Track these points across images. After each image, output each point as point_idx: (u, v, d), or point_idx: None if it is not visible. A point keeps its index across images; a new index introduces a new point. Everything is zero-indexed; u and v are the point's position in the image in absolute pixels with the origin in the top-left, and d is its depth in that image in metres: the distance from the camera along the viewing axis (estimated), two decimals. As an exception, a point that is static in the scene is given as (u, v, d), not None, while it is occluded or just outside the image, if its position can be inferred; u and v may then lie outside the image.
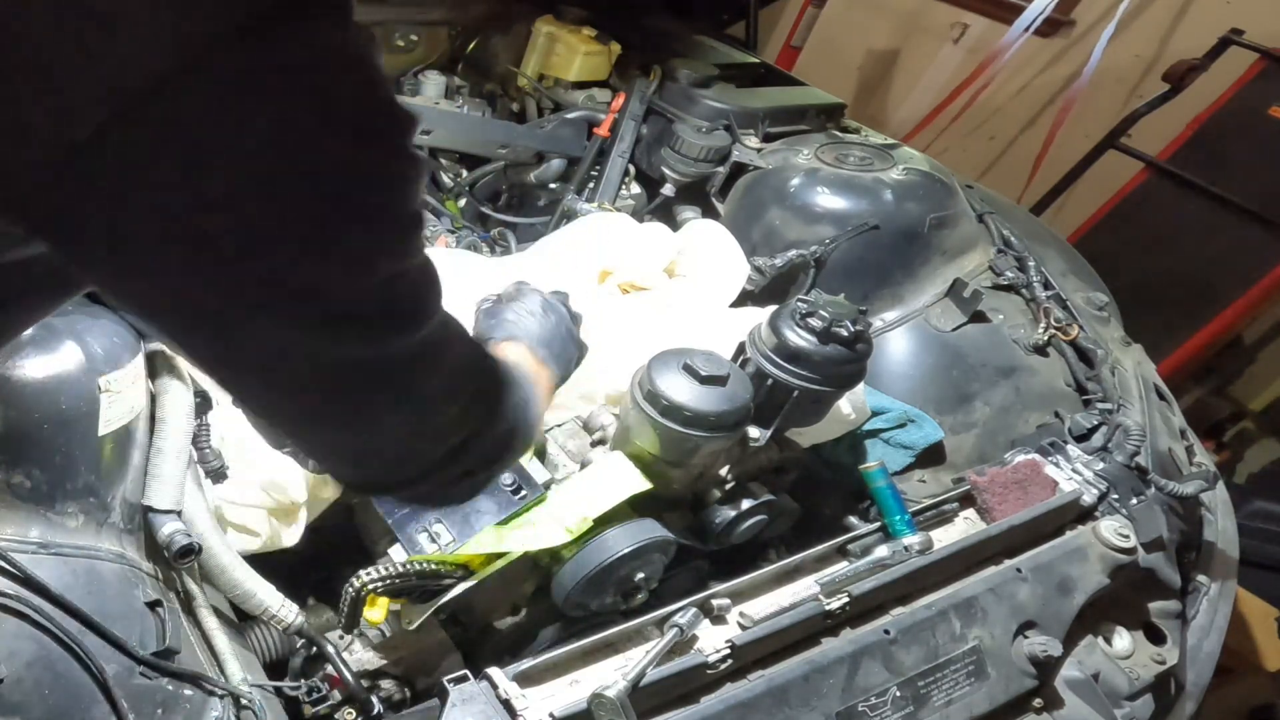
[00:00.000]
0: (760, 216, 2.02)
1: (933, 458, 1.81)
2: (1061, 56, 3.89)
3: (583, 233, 1.93)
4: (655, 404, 1.32)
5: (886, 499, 1.40)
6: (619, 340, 1.65)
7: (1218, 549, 1.70)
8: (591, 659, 1.12)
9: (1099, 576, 1.41)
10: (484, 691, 1.03)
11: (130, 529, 1.10)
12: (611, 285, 1.83)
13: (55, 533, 1.02)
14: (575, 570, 1.27)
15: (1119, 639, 1.43)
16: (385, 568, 1.19)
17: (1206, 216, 3.14)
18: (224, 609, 1.16)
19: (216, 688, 1.02)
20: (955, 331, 1.91)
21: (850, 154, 2.09)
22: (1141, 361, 1.92)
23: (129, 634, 0.99)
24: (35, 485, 1.03)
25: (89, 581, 1.01)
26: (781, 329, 1.39)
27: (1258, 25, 3.23)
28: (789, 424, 1.46)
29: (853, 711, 1.15)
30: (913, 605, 1.28)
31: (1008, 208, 2.27)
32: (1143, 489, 1.55)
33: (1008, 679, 1.27)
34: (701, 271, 1.91)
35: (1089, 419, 1.70)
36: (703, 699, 1.11)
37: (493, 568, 1.26)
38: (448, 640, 1.32)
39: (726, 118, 2.15)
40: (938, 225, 1.98)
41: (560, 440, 1.49)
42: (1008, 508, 1.44)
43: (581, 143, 2.23)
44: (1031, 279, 1.98)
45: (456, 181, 2.22)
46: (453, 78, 2.36)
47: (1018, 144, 4.07)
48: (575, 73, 2.30)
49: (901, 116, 4.25)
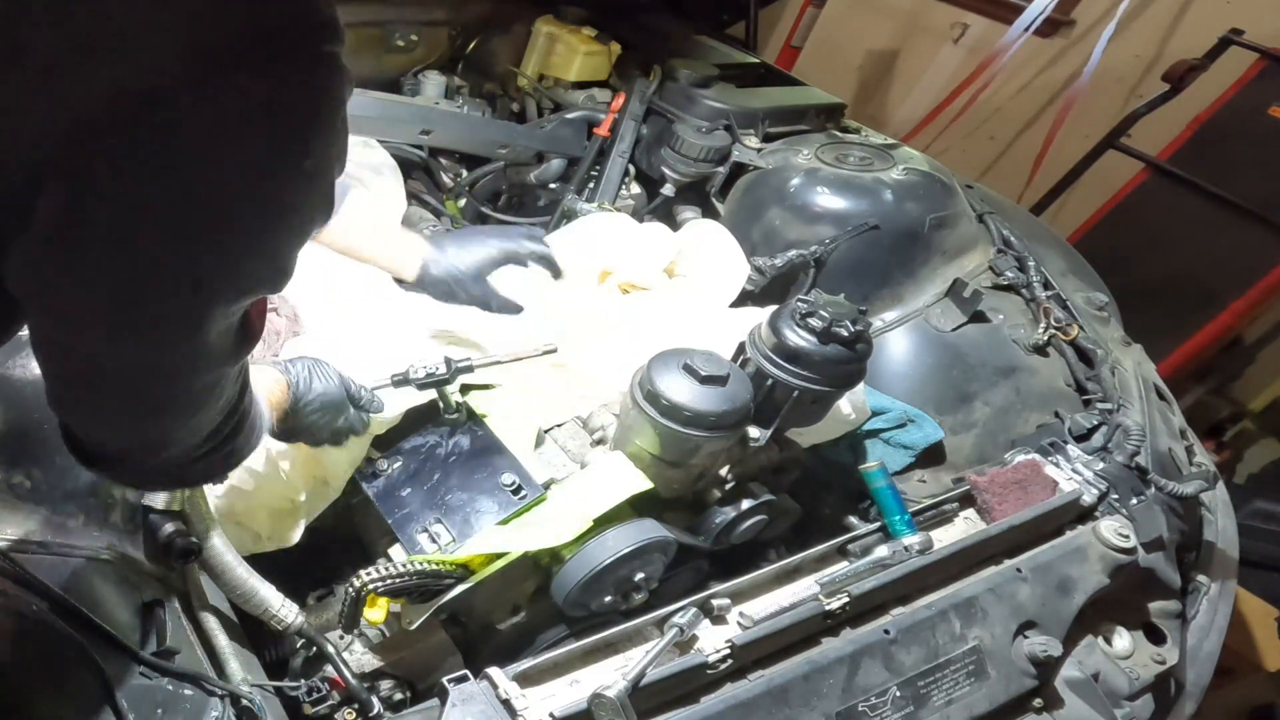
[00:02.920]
0: (760, 216, 2.02)
1: (933, 458, 1.81)
2: (1061, 56, 3.89)
3: (583, 233, 1.94)
4: (655, 404, 1.32)
5: (886, 499, 1.40)
6: (619, 340, 1.65)
7: (1218, 549, 1.70)
8: (591, 659, 1.12)
9: (1099, 576, 1.41)
10: (484, 691, 1.03)
11: (130, 529, 1.10)
12: (611, 285, 1.83)
13: (55, 533, 1.02)
14: (575, 570, 1.27)
15: (1119, 639, 1.43)
16: (385, 568, 1.19)
17: (1206, 216, 3.15)
18: (224, 609, 1.16)
19: (216, 688, 1.02)
20: (955, 331, 1.91)
21: (850, 154, 2.09)
22: (1141, 361, 1.92)
23: (129, 634, 0.99)
24: (35, 485, 1.03)
25: (89, 581, 1.01)
26: (781, 329, 1.39)
27: (1258, 25, 3.23)
28: (789, 424, 1.46)
29: (853, 711, 1.15)
30: (913, 605, 1.28)
31: (1008, 208, 2.28)
32: (1143, 489, 1.55)
33: (1008, 679, 1.27)
34: (701, 271, 1.91)
35: (1089, 419, 1.70)
36: (703, 699, 1.11)
37: (493, 568, 1.26)
38: (448, 640, 1.32)
39: (726, 118, 2.15)
40: (938, 225, 1.98)
41: (560, 440, 1.49)
42: (1008, 508, 1.44)
43: (581, 143, 2.23)
44: (1031, 279, 1.98)
45: (456, 181, 2.23)
46: (453, 78, 2.36)
47: (1018, 144, 4.07)
48: (575, 73, 2.31)
49: (901, 116, 4.25)
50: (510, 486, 1.36)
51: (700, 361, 1.34)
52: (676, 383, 1.32)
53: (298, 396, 1.20)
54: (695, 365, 1.33)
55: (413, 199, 2.08)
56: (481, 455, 1.40)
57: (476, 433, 1.43)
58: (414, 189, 2.13)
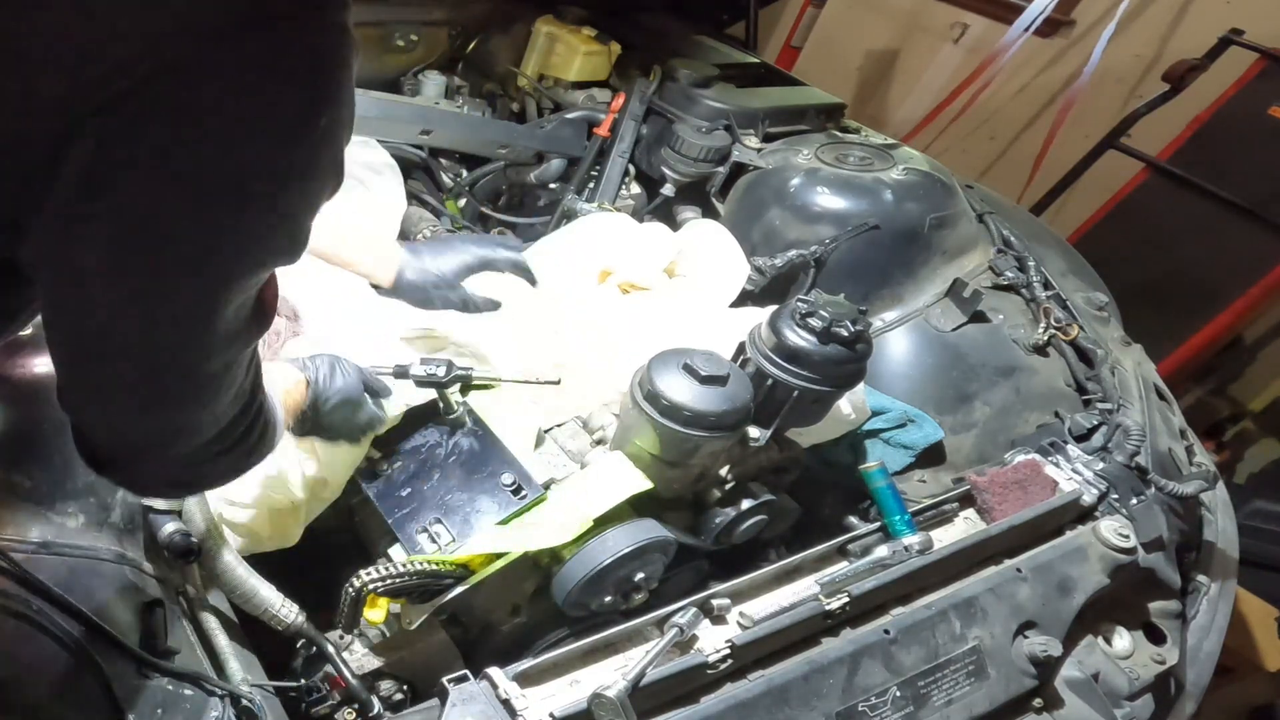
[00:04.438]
0: (760, 216, 2.02)
1: (933, 458, 1.81)
2: (1061, 56, 3.89)
3: (583, 233, 1.93)
4: (655, 404, 1.32)
5: (886, 499, 1.40)
6: (619, 340, 1.65)
7: (1218, 549, 1.70)
8: (591, 659, 1.12)
9: (1099, 576, 1.41)
10: (484, 691, 1.03)
11: (130, 529, 1.10)
12: (611, 285, 1.83)
13: (55, 533, 1.02)
14: (575, 570, 1.27)
15: (1119, 639, 1.43)
16: (385, 568, 1.19)
17: (1206, 216, 3.15)
18: (224, 609, 1.16)
19: (216, 688, 1.02)
20: (955, 331, 1.91)
21: (850, 154, 2.09)
22: (1141, 361, 1.92)
23: (129, 634, 0.99)
24: (35, 485, 1.03)
25: (89, 581, 1.01)
26: (781, 329, 1.39)
27: (1258, 25, 3.23)
28: (789, 424, 1.46)
29: (853, 711, 1.15)
30: (913, 605, 1.28)
31: (1008, 208, 2.28)
32: (1143, 489, 1.55)
33: (1008, 679, 1.27)
34: (701, 271, 1.91)
35: (1089, 419, 1.70)
36: (703, 699, 1.11)
37: (493, 568, 1.26)
38: (448, 640, 1.32)
39: (726, 118, 2.15)
40: (938, 225, 1.98)
41: (560, 440, 1.49)
42: (1008, 508, 1.44)
43: (581, 143, 2.23)
44: (1031, 279, 1.98)
45: (456, 181, 2.23)
46: (453, 78, 2.36)
47: (1018, 144, 4.07)
48: (575, 73, 2.30)
49: (901, 116, 4.25)
50: (510, 486, 1.36)
51: (700, 361, 1.34)
52: (676, 383, 1.32)
53: (318, 393, 1.20)
54: (695, 365, 1.33)
55: (413, 199, 2.08)
56: (481, 455, 1.40)
57: (476, 433, 1.43)
58: (414, 189, 2.13)
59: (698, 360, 1.34)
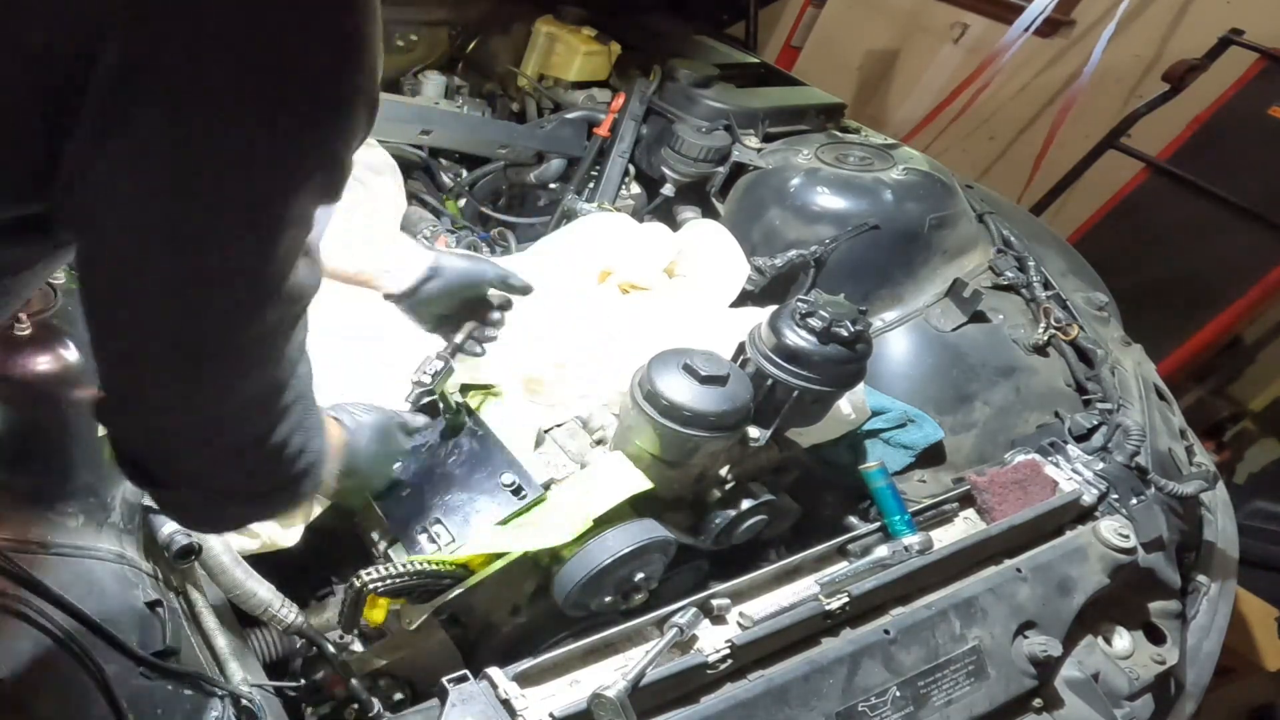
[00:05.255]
0: (760, 216, 2.02)
1: (933, 458, 1.81)
2: (1061, 56, 3.89)
3: (583, 233, 1.93)
4: (655, 404, 1.32)
5: (886, 499, 1.40)
6: (619, 340, 1.65)
7: (1218, 549, 1.70)
8: (591, 659, 1.12)
9: (1099, 576, 1.41)
10: (484, 691, 1.03)
11: (130, 529, 1.10)
12: (611, 285, 1.83)
13: (55, 533, 1.02)
14: (575, 570, 1.27)
15: (1119, 639, 1.43)
16: (385, 568, 1.19)
17: (1206, 216, 3.14)
18: (224, 609, 1.16)
19: (216, 688, 1.02)
20: (955, 331, 1.91)
21: (850, 154, 2.09)
22: (1141, 361, 1.92)
23: (129, 634, 0.99)
24: (35, 485, 1.03)
25: (89, 581, 1.01)
26: (781, 329, 1.39)
27: (1258, 25, 3.23)
28: (789, 424, 1.46)
29: (853, 711, 1.15)
30: (913, 605, 1.28)
31: (1008, 208, 2.28)
32: (1143, 489, 1.55)
33: (1008, 679, 1.27)
34: (701, 271, 1.91)
35: (1089, 419, 1.70)
36: (703, 699, 1.11)
37: (493, 568, 1.26)
38: (448, 640, 1.32)
39: (726, 118, 2.15)
40: (938, 225, 1.98)
41: (560, 440, 1.49)
42: (1008, 508, 1.44)
43: (581, 143, 2.23)
44: (1031, 279, 1.98)
45: (456, 181, 2.23)
46: (453, 78, 2.36)
47: (1018, 144, 4.07)
48: (575, 73, 2.31)
49: (901, 116, 4.25)
50: (510, 486, 1.36)
51: (700, 361, 1.34)
52: (676, 383, 1.32)
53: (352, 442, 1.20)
54: (695, 365, 1.33)
55: (413, 199, 2.08)
56: (481, 455, 1.40)
57: (476, 433, 1.43)
58: (414, 189, 2.13)
59: (698, 360, 1.34)
